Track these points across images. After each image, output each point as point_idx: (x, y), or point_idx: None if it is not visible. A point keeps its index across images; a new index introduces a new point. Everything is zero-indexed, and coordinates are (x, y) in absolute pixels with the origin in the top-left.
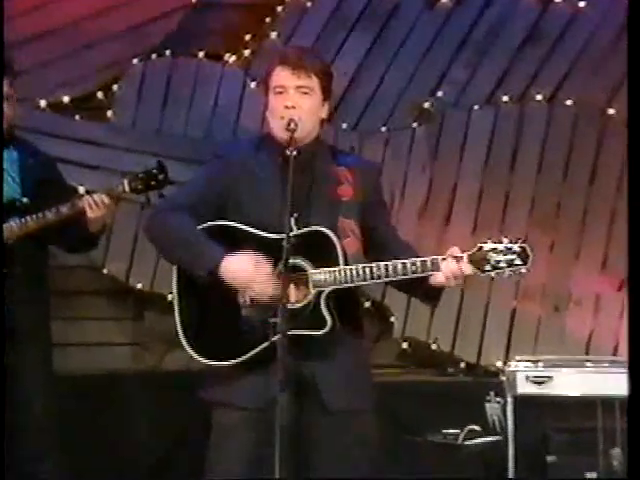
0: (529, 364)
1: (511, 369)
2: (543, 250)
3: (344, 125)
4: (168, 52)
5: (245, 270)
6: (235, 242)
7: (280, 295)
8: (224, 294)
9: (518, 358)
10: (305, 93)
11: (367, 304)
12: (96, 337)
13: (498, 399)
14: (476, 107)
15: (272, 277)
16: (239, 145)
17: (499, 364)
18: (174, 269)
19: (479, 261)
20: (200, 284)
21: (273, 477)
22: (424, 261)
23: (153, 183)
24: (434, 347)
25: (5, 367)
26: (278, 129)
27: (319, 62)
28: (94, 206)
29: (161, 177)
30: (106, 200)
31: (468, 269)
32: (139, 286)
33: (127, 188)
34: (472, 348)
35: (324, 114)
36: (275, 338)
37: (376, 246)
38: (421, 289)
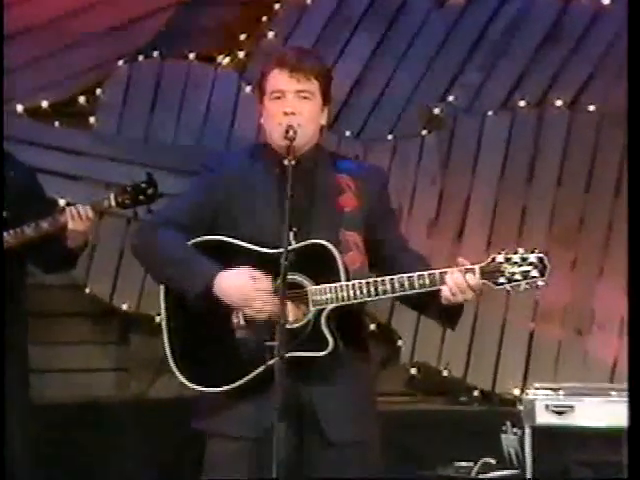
0: (549, 392)
1: (529, 397)
2: (564, 268)
3: (347, 133)
4: (156, 53)
5: (242, 286)
6: (229, 258)
7: (278, 314)
8: (216, 315)
9: (537, 385)
10: (305, 98)
11: (372, 326)
12: (78, 362)
13: (515, 430)
14: (490, 113)
15: (271, 293)
16: (233, 155)
17: (516, 392)
18: (161, 288)
19: (492, 273)
20: (190, 304)
21: None
22: (432, 274)
23: (142, 197)
24: (445, 373)
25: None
26: (276, 137)
27: (319, 64)
28: (77, 218)
29: (150, 191)
30: (90, 214)
31: (474, 280)
32: (124, 307)
33: (113, 202)
34: (487, 374)
35: (324, 120)
36: (273, 361)
37: (384, 259)
38: (434, 307)
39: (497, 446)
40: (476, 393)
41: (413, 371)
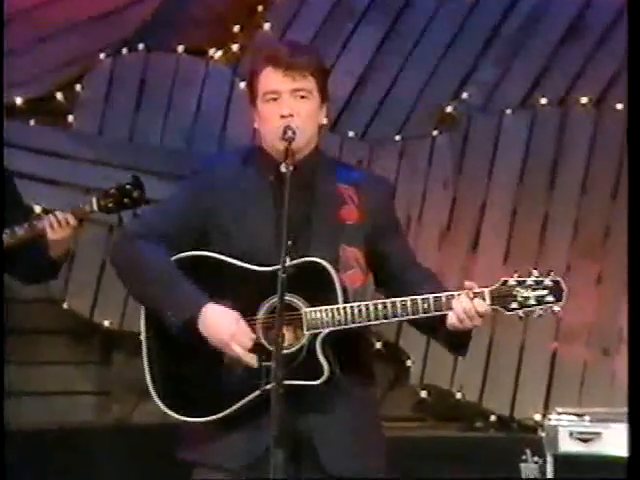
0: (573, 418)
1: (551, 423)
2: (589, 282)
3: (351, 133)
4: (141, 46)
5: (225, 330)
6: (217, 276)
7: (274, 337)
8: (202, 337)
9: (560, 410)
10: (302, 97)
11: (378, 345)
12: (55, 385)
13: (536, 459)
14: (508, 111)
15: (253, 342)
16: (224, 159)
17: (537, 417)
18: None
19: (503, 298)
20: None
21: None
22: (438, 298)
23: (127, 201)
24: (459, 396)
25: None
26: (272, 140)
27: (314, 58)
28: (56, 226)
29: (136, 194)
30: (71, 220)
31: (483, 307)
32: (106, 324)
33: (96, 207)
34: (504, 398)
35: (323, 119)
36: (267, 387)
37: (389, 277)
38: (442, 333)
39: (516, 476)
40: (493, 418)
41: (423, 394)
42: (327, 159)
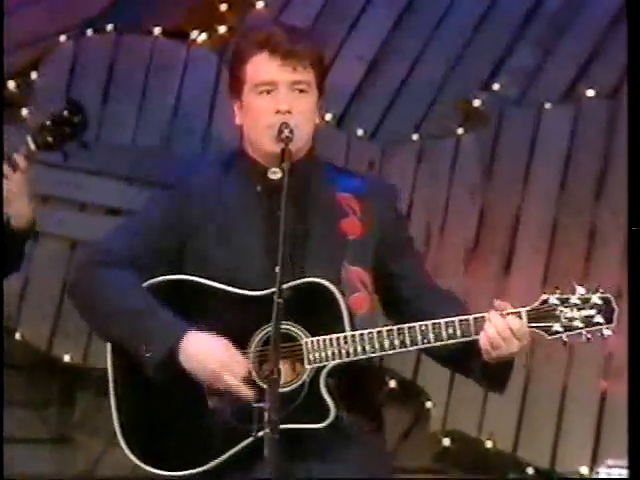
0: (626, 472)
1: (601, 477)
2: None
3: (360, 132)
4: (110, 26)
5: (214, 359)
6: (199, 304)
7: (269, 372)
8: (181, 375)
9: (610, 463)
10: (301, 91)
11: (392, 383)
12: (8, 430)
13: None
14: (548, 105)
15: (248, 372)
16: (200, 167)
17: (583, 470)
18: None
19: (544, 319)
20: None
21: None
22: (464, 320)
23: (67, 130)
24: (489, 445)
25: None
26: (265, 142)
27: (317, 46)
28: (10, 172)
29: (77, 119)
30: (22, 163)
31: (519, 325)
32: (67, 358)
33: (33, 146)
34: (544, 447)
35: (317, 118)
36: (260, 433)
37: (399, 301)
38: (473, 364)
39: None
40: (530, 471)
41: (446, 441)
42: (322, 163)
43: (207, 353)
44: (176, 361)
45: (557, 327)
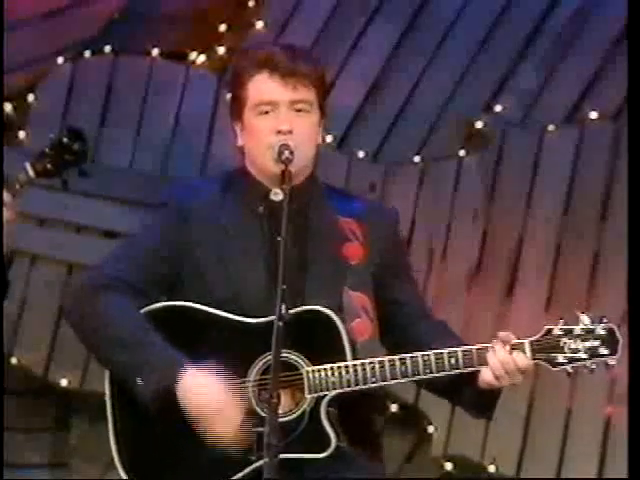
0: None
1: None
2: None
3: (361, 154)
4: (108, 48)
5: (210, 405)
6: (198, 331)
7: (268, 402)
8: (179, 404)
9: None
10: (302, 111)
11: (394, 408)
12: (4, 455)
13: None
14: (551, 127)
15: (242, 418)
16: (199, 188)
17: None
18: None
19: (548, 350)
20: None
21: None
22: (468, 352)
23: (68, 157)
24: (492, 470)
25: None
26: (265, 162)
27: (317, 66)
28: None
29: (77, 146)
30: (7, 198)
31: (525, 361)
32: (63, 383)
33: (32, 173)
34: (548, 473)
35: (320, 138)
36: (260, 462)
37: (396, 328)
38: (465, 393)
39: None
40: None
41: (448, 466)
42: (322, 187)
43: (202, 398)
44: (172, 396)
45: (561, 359)
